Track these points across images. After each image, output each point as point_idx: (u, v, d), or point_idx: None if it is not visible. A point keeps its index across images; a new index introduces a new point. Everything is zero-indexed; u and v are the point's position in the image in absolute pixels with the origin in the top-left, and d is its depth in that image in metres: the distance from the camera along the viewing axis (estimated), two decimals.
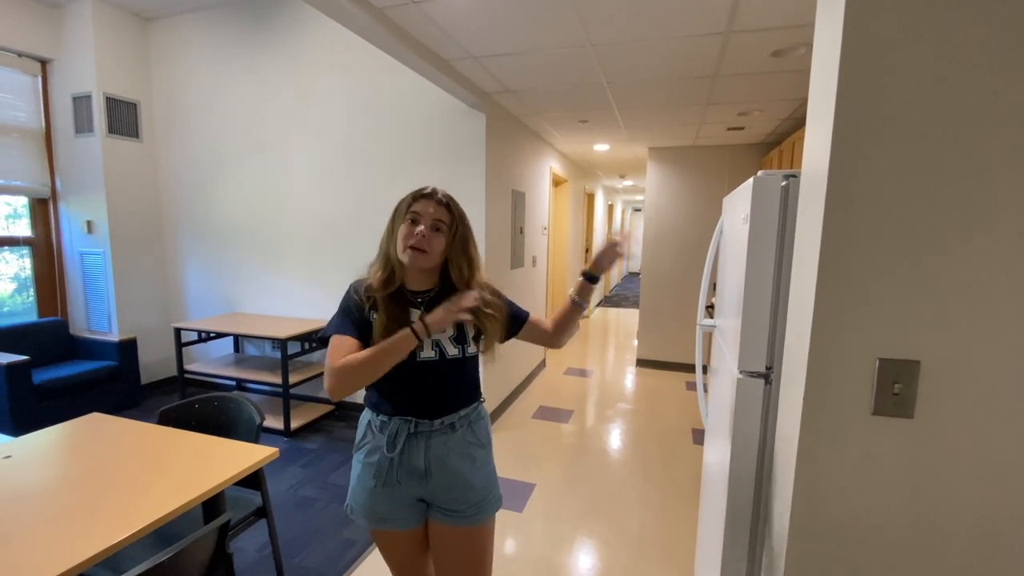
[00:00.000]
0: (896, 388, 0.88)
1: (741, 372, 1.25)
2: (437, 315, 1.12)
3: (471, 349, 1.25)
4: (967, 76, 0.81)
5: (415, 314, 1.21)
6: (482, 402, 1.33)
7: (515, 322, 1.34)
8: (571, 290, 1.35)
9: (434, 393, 1.22)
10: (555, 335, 1.38)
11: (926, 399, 0.88)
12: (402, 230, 1.18)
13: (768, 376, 1.23)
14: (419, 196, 1.20)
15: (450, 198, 1.22)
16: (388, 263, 1.22)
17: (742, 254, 1.28)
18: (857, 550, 0.94)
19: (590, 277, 1.33)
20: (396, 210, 1.23)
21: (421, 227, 1.16)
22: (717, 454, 1.56)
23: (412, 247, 1.16)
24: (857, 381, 0.91)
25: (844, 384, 0.92)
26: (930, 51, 0.82)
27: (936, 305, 0.86)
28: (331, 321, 1.23)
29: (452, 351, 1.22)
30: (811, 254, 0.95)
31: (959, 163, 0.82)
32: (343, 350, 1.14)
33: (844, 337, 0.91)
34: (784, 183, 1.17)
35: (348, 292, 1.26)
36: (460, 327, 1.24)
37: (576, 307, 1.35)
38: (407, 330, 1.11)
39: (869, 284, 0.88)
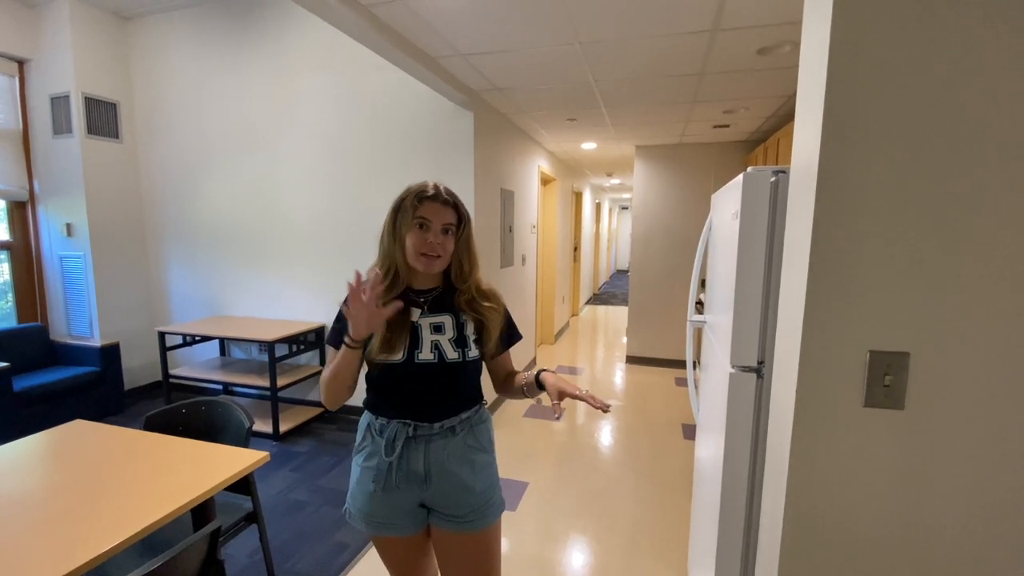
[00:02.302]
0: (887, 380, 0.89)
1: (733, 367, 1.26)
2: (358, 324, 1.07)
3: (472, 353, 1.20)
4: (955, 69, 0.82)
5: (415, 313, 1.19)
6: (484, 405, 1.29)
7: (506, 338, 1.29)
8: (528, 376, 1.24)
9: (433, 396, 1.18)
10: (506, 388, 1.31)
11: (916, 390, 0.89)
12: (411, 237, 1.14)
13: (760, 370, 1.24)
14: (423, 197, 1.14)
15: (454, 196, 1.19)
16: (392, 267, 1.18)
17: (732, 250, 1.29)
18: (851, 541, 0.95)
19: (539, 384, 1.20)
20: (398, 210, 1.16)
21: (431, 236, 1.14)
22: (710, 448, 1.57)
23: (426, 255, 1.14)
24: (848, 373, 0.92)
25: (835, 377, 0.92)
26: (920, 45, 0.82)
27: (925, 297, 0.87)
28: (331, 328, 1.23)
29: (452, 355, 1.18)
30: (801, 248, 0.95)
31: (947, 156, 0.83)
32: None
33: (835, 330, 0.91)
34: (773, 179, 1.18)
35: (347, 299, 1.22)
36: (460, 328, 1.20)
37: (523, 393, 1.26)
38: (343, 347, 1.10)
39: (859, 277, 0.89)
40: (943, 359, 0.87)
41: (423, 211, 1.14)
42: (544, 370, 1.22)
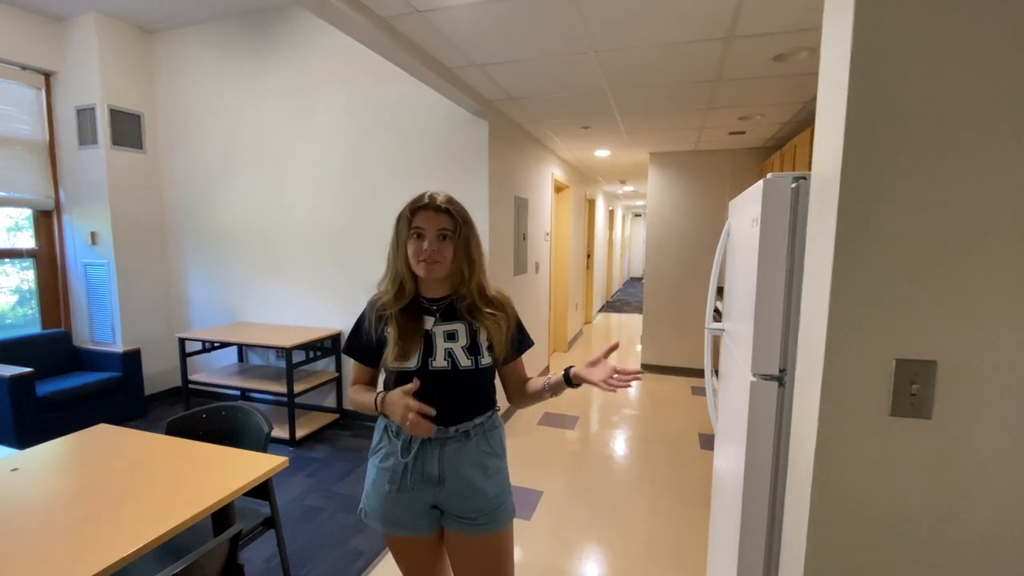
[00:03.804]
0: (913, 389, 0.88)
1: (754, 375, 1.25)
2: (393, 401, 1.15)
3: (485, 360, 1.23)
4: (979, 75, 0.81)
5: (429, 322, 1.22)
6: (497, 411, 1.32)
7: (516, 345, 1.30)
8: (551, 378, 1.28)
9: (447, 402, 1.21)
10: (521, 395, 1.34)
11: (944, 399, 0.87)
12: (411, 246, 1.19)
13: (782, 379, 1.22)
14: (417, 207, 1.18)
15: (449, 201, 1.20)
16: (397, 277, 1.22)
17: (752, 257, 1.27)
18: (876, 553, 0.93)
19: (569, 381, 1.25)
20: (398, 222, 1.22)
21: (427, 243, 1.16)
22: (730, 458, 1.55)
23: (425, 261, 1.17)
24: (874, 382, 0.90)
25: (861, 385, 0.91)
26: (942, 50, 0.82)
27: (952, 305, 0.85)
28: (348, 339, 1.31)
29: (465, 362, 1.21)
30: (824, 256, 0.94)
31: (973, 162, 0.82)
32: (354, 373, 1.32)
33: (860, 338, 0.90)
34: (794, 185, 1.17)
35: (364, 310, 1.29)
36: (473, 336, 1.23)
37: (548, 394, 1.29)
38: (371, 401, 1.22)
39: (884, 285, 0.88)
40: (971, 368, 0.85)
41: (417, 221, 1.18)
42: (570, 367, 1.25)
